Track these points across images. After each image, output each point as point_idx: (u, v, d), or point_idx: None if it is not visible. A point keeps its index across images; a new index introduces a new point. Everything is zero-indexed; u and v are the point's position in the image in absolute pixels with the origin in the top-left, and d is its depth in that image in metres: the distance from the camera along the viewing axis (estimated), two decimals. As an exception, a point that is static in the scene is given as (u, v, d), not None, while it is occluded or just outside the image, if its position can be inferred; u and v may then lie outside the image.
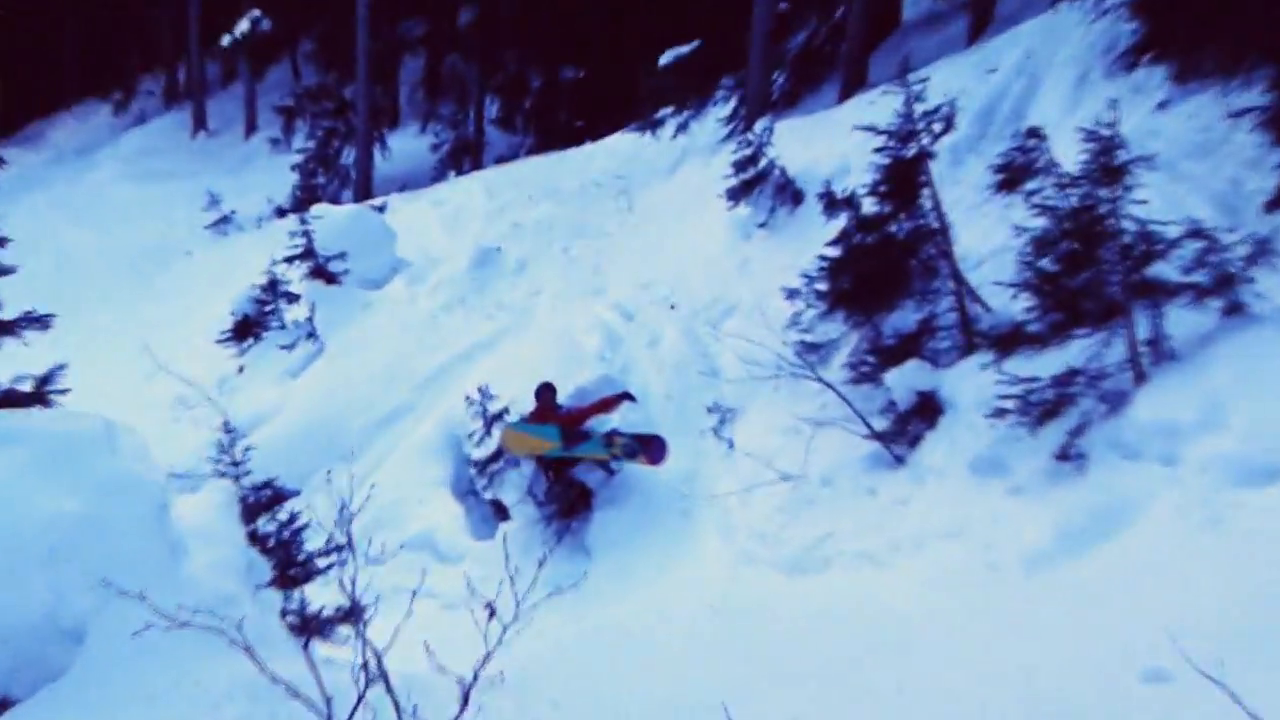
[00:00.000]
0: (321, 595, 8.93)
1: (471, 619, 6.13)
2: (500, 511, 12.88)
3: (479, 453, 13.14)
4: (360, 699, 5.72)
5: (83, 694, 6.60)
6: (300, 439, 14.99)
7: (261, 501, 9.40)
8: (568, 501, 12.13)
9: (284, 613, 8.62)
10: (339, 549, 8.39)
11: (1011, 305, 9.83)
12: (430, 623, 7.34)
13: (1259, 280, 8.57)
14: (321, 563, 9.17)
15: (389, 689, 5.95)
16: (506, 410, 12.98)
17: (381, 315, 17.38)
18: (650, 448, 11.87)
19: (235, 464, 9.24)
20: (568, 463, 12.11)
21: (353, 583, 6.04)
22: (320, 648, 8.69)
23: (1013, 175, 10.05)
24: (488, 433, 13.05)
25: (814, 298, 11.63)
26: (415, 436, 14.39)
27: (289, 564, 9.08)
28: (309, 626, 8.81)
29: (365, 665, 5.76)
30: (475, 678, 5.97)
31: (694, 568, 10.72)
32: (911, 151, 10.72)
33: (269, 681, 5.63)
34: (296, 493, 13.74)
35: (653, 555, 11.13)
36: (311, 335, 17.53)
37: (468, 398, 13.34)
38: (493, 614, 6.02)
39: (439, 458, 13.83)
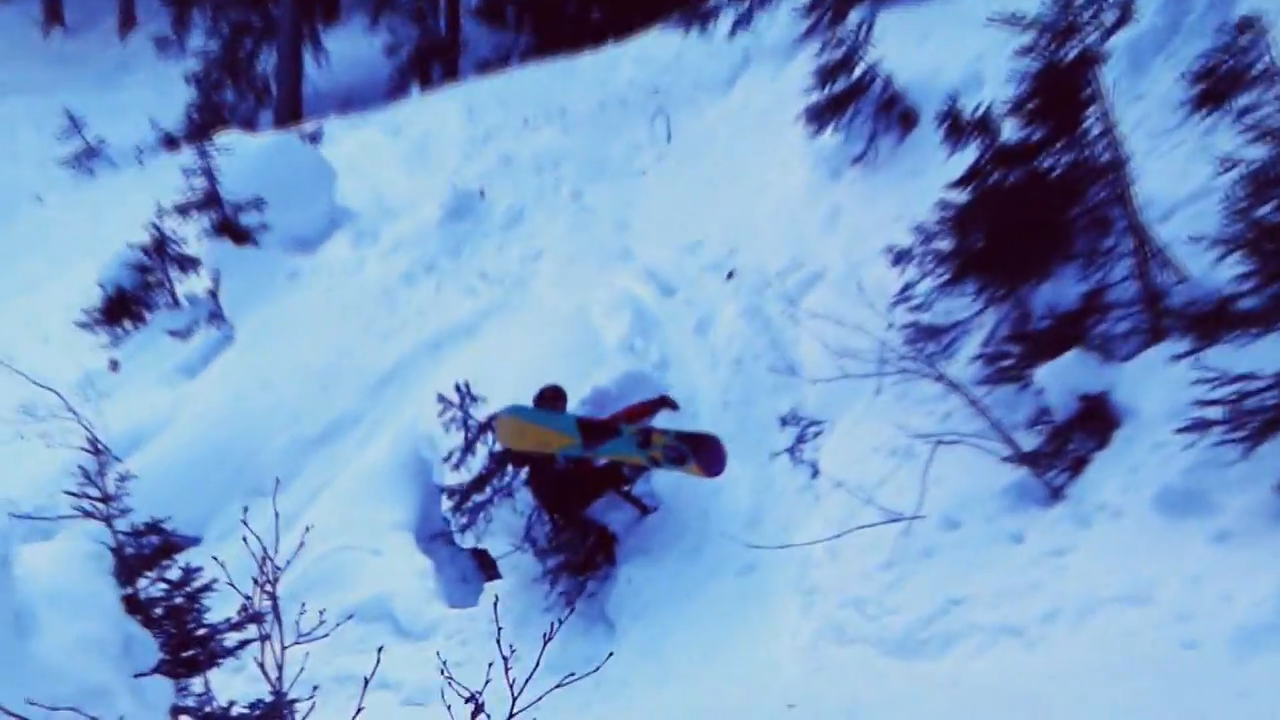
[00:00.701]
0: (232, 685, 8.97)
1: (448, 718, 6.16)
2: (486, 565, 12.92)
3: (456, 478, 13.16)
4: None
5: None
6: (200, 464, 15.13)
7: (145, 553, 9.43)
8: (582, 551, 12.16)
9: (178, 710, 8.66)
10: (257, 620, 8.42)
11: (1216, 271, 9.79)
12: (388, 724, 7.38)
13: None
14: (232, 639, 9.21)
15: (329, 815, 5.99)
16: (496, 418, 12.84)
17: (315, 289, 17.50)
18: (703, 451, 11.93)
19: (106, 499, 9.25)
20: (582, 497, 12.11)
21: (278, 668, 6.06)
22: (232, 760, 8.75)
23: (1218, 86, 10.00)
24: (469, 449, 13.02)
25: (932, 262, 11.61)
26: (365, 460, 14.48)
27: (185, 642, 9.12)
28: (215, 730, 8.88)
29: (296, 783, 5.81)
30: (453, 801, 6.00)
31: (762, 647, 10.77)
32: (1072, 53, 10.69)
33: (159, 805, 5.68)
34: (196, 540, 13.87)
35: (702, 629, 11.17)
36: (215, 317, 17.67)
37: (441, 398, 13.31)
38: (478, 710, 6.04)
39: (398, 489, 13.93)
